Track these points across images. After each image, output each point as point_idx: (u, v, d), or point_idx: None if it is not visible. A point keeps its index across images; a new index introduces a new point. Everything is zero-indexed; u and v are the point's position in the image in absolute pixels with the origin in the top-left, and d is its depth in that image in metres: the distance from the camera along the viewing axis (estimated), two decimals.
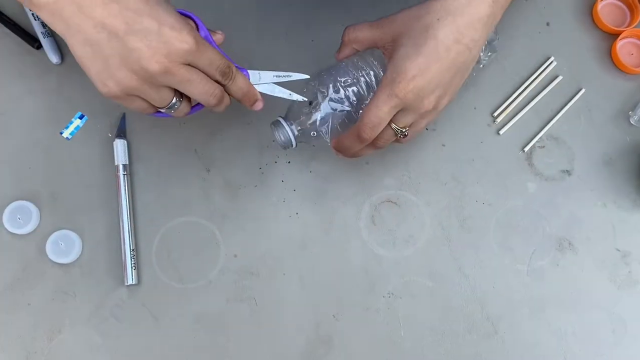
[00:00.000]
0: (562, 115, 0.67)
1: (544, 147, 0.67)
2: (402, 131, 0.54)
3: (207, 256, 0.62)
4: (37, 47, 0.66)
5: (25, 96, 0.65)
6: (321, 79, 0.55)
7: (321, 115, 0.55)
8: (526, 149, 0.66)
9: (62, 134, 0.65)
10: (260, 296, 0.62)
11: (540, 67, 0.68)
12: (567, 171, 0.66)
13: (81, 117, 0.65)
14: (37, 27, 0.66)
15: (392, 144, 0.56)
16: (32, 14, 0.66)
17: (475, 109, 0.67)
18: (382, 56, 0.55)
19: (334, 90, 0.55)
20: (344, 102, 0.55)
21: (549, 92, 0.68)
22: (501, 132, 0.66)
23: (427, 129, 0.66)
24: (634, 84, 0.68)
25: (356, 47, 0.56)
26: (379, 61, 0.56)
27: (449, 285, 0.63)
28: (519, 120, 0.67)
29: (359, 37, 0.55)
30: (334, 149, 0.57)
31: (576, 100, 0.68)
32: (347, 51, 0.57)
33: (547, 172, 0.66)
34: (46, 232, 0.62)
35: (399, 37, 0.52)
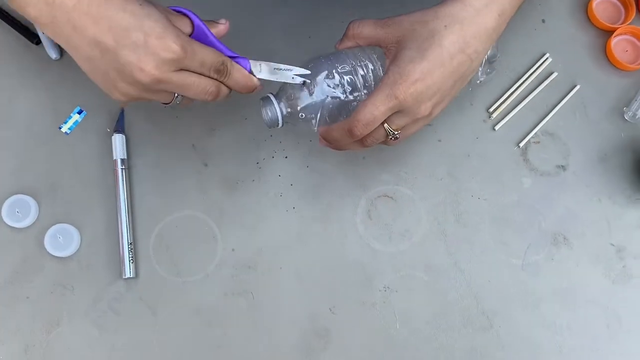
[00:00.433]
0: (557, 111, 0.68)
1: (539, 142, 0.67)
2: (394, 133, 0.54)
3: (205, 250, 0.63)
4: (36, 42, 0.66)
5: (24, 91, 0.66)
6: (318, 63, 0.55)
7: (313, 98, 0.54)
8: (521, 144, 0.67)
9: (60, 128, 0.65)
10: (257, 290, 0.62)
11: (535, 63, 0.69)
12: (562, 167, 0.67)
13: (80, 112, 0.66)
14: None
15: (379, 144, 0.56)
16: None
17: (471, 104, 0.68)
18: (383, 55, 0.55)
19: (329, 75, 0.54)
20: (337, 89, 0.54)
21: (545, 88, 0.68)
22: (497, 127, 0.67)
23: None
24: (628, 81, 0.69)
25: (359, 42, 0.56)
26: (379, 58, 0.56)
27: (444, 279, 0.63)
28: (514, 116, 0.67)
29: (363, 32, 0.55)
30: (321, 136, 0.57)
31: (571, 96, 0.68)
32: (348, 44, 0.56)
33: (542, 168, 0.66)
34: (45, 225, 0.62)
35: (403, 39, 0.52)
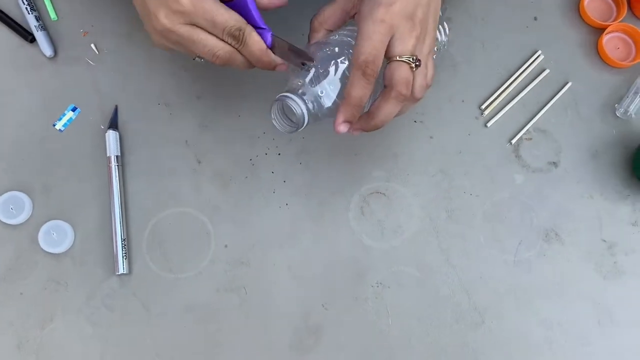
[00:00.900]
0: (549, 108, 0.68)
1: (531, 139, 0.67)
2: (412, 58, 0.51)
3: (198, 246, 0.63)
4: (31, 40, 0.67)
5: (19, 89, 0.66)
6: (313, 49, 0.54)
7: (328, 78, 0.52)
8: (513, 141, 0.67)
9: (55, 126, 0.65)
10: (250, 286, 0.62)
11: (527, 60, 0.69)
12: (554, 163, 0.67)
13: (74, 110, 0.66)
14: (31, 21, 0.66)
15: (415, 90, 0.52)
16: (25, 7, 0.67)
17: (463, 101, 0.68)
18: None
19: (329, 51, 0.53)
20: (342, 56, 0.52)
21: (536, 86, 0.68)
22: (489, 124, 0.67)
23: (415, 122, 0.67)
24: (620, 78, 0.69)
25: (327, 27, 0.55)
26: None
27: (436, 275, 0.63)
28: (506, 113, 0.68)
29: (326, 15, 0.54)
30: (345, 107, 0.51)
31: (563, 93, 0.68)
32: (319, 35, 0.55)
33: (534, 164, 0.67)
34: (39, 222, 0.62)
35: None
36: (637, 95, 0.67)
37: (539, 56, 0.69)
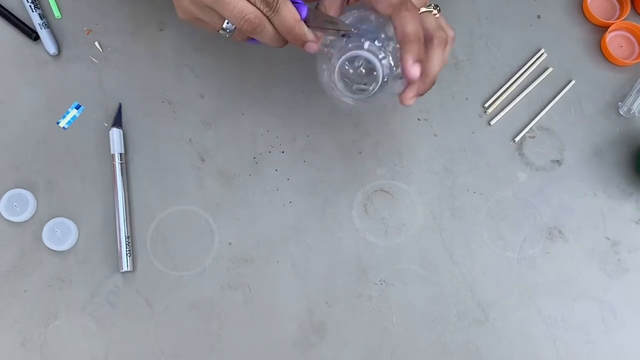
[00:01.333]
0: (552, 106, 0.68)
1: (534, 137, 0.67)
2: (430, 7, 0.52)
3: (202, 244, 0.63)
4: (35, 38, 0.67)
5: (22, 87, 0.66)
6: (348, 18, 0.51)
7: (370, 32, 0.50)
8: (517, 139, 0.67)
9: (58, 123, 0.65)
10: (253, 283, 0.62)
11: (531, 58, 0.69)
12: (558, 161, 0.67)
13: (78, 107, 0.66)
14: (35, 19, 0.66)
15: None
16: (29, 5, 0.67)
17: (466, 99, 0.68)
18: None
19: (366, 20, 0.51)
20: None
21: (540, 84, 0.68)
22: (492, 122, 0.67)
23: (419, 120, 0.67)
24: (623, 76, 0.69)
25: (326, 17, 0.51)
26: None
27: (440, 273, 0.63)
28: (509, 111, 0.68)
29: (326, 4, 0.52)
30: (419, 95, 0.52)
31: (566, 91, 0.68)
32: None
33: (537, 162, 0.67)
34: (43, 219, 0.63)
35: None
36: None
37: (543, 54, 0.69)
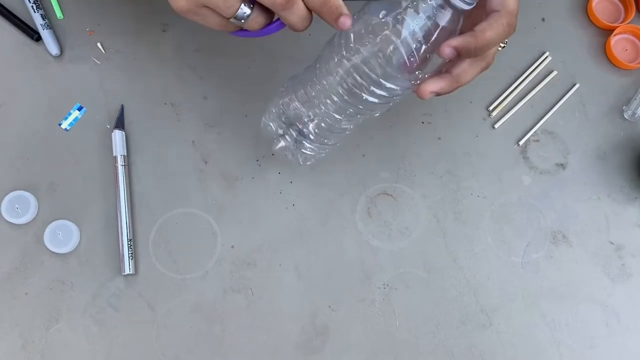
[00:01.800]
0: (556, 109, 0.68)
1: (538, 141, 0.67)
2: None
3: (204, 247, 0.63)
4: (37, 39, 0.66)
5: (24, 88, 0.66)
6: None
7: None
8: (521, 142, 0.67)
9: (60, 125, 0.65)
10: (256, 287, 0.62)
11: (535, 62, 0.69)
12: (562, 165, 0.67)
13: (80, 109, 0.66)
14: (37, 19, 0.66)
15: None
16: (31, 5, 0.66)
17: (470, 102, 0.68)
18: None
19: None
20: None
21: (544, 87, 0.68)
22: (496, 125, 0.67)
23: (422, 123, 0.67)
24: (628, 80, 0.69)
25: None
26: None
27: (443, 276, 0.63)
28: (514, 114, 0.67)
29: None
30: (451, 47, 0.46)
31: (571, 95, 0.68)
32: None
33: (541, 166, 0.66)
34: (44, 222, 0.62)
35: None
36: None
37: (547, 57, 0.69)
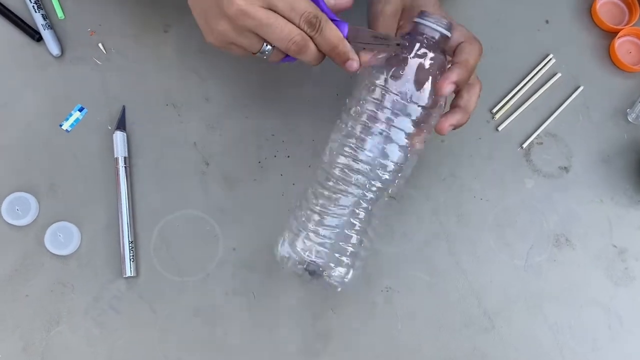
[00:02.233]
0: (560, 112, 0.67)
1: (542, 143, 0.67)
2: None
3: (206, 249, 0.62)
4: (38, 39, 0.66)
5: (25, 88, 0.65)
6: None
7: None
8: (524, 145, 0.66)
9: (61, 126, 0.65)
10: (258, 290, 0.62)
11: (539, 64, 0.69)
12: (565, 168, 0.66)
13: (81, 110, 0.65)
14: (38, 19, 0.66)
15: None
16: (32, 5, 0.66)
17: None
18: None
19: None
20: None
21: (548, 89, 0.68)
22: (500, 128, 0.67)
23: None
24: (632, 82, 0.69)
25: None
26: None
27: (446, 279, 0.63)
28: (517, 116, 0.67)
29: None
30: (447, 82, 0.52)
31: (574, 97, 0.68)
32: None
33: (545, 169, 0.66)
34: (45, 223, 0.62)
35: None
36: None
37: (551, 60, 0.69)
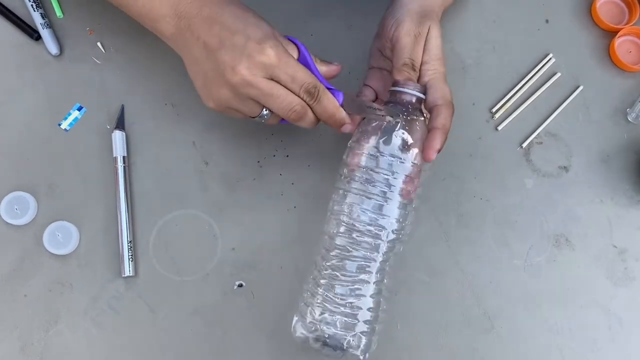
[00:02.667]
0: (560, 111, 0.67)
1: (542, 143, 0.67)
2: None
3: (205, 249, 0.62)
4: (36, 38, 0.66)
5: (24, 87, 0.65)
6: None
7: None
8: (524, 145, 0.66)
9: (60, 125, 0.65)
10: (257, 289, 0.62)
11: (538, 63, 0.68)
12: (565, 167, 0.66)
13: (79, 109, 0.65)
14: (37, 18, 0.65)
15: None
16: (31, 4, 0.66)
17: (473, 104, 0.67)
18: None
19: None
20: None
21: (548, 89, 0.68)
22: (499, 128, 0.67)
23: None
24: (631, 82, 0.69)
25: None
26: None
27: (446, 280, 0.63)
28: (517, 116, 0.67)
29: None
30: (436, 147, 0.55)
31: (574, 97, 0.68)
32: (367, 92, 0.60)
33: (544, 169, 0.66)
34: (43, 223, 0.62)
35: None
36: None
37: (550, 59, 0.69)
